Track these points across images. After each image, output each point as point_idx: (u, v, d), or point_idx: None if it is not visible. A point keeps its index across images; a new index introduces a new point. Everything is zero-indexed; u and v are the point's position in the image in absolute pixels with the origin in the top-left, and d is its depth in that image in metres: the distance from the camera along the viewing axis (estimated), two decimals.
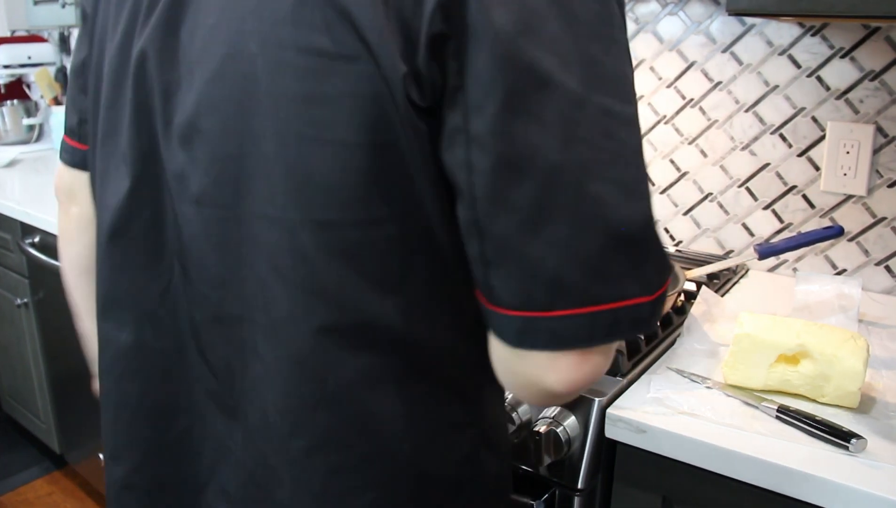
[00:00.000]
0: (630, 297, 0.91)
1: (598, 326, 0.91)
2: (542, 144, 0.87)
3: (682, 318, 1.93)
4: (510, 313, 0.92)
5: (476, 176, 0.88)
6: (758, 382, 1.60)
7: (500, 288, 0.92)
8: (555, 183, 0.87)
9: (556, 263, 0.88)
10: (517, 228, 0.88)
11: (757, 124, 2.36)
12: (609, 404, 1.57)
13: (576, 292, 0.89)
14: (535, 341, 0.92)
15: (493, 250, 0.90)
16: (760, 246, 2.04)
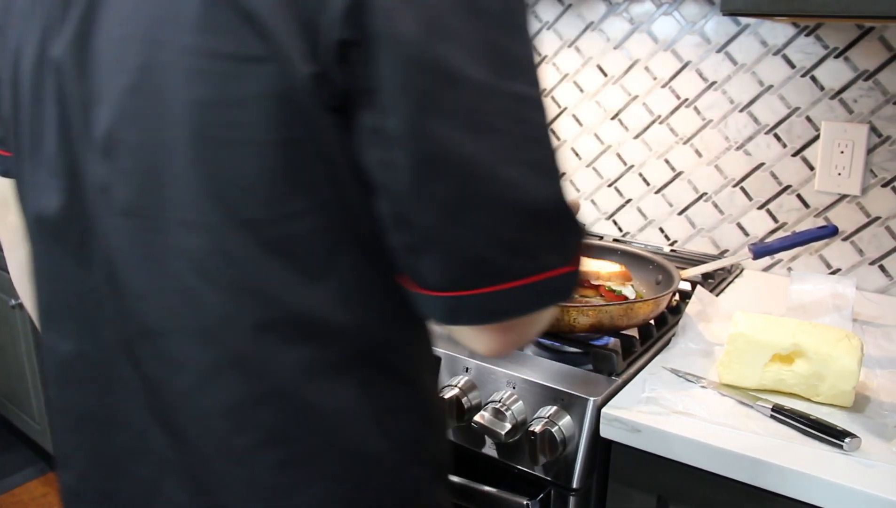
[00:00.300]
0: (551, 268, 0.96)
1: (523, 298, 0.95)
2: (458, 138, 0.89)
3: (677, 318, 1.94)
4: (439, 294, 0.95)
5: (397, 173, 0.91)
6: (752, 381, 1.61)
7: (428, 273, 0.95)
8: (472, 173, 0.90)
9: (479, 245, 0.92)
10: (441, 218, 0.91)
11: (751, 124, 2.36)
12: (604, 403, 1.57)
13: (500, 269, 0.93)
14: (464, 317, 0.96)
15: (420, 240, 0.93)
16: (755, 246, 2.04)
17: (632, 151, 2.60)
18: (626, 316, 1.75)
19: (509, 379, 1.66)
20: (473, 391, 1.69)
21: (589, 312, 1.71)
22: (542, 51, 2.70)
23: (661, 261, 2.06)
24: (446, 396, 1.68)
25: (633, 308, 1.75)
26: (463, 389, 1.69)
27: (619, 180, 2.64)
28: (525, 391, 1.64)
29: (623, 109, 2.59)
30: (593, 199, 2.70)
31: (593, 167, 2.68)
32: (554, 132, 0.94)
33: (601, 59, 2.59)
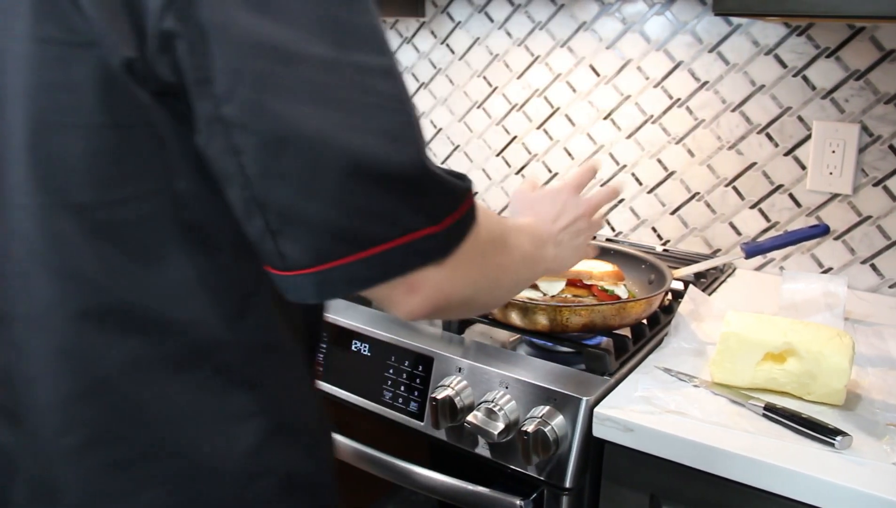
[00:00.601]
0: (416, 229, 0.96)
1: (391, 261, 0.96)
2: (302, 114, 0.90)
3: (670, 317, 1.94)
4: (306, 271, 0.95)
5: (244, 158, 0.91)
6: (745, 380, 1.61)
7: (291, 252, 0.94)
8: (321, 146, 0.90)
9: (337, 216, 0.92)
10: (295, 195, 0.91)
11: (743, 124, 2.37)
12: (597, 403, 1.58)
13: (362, 236, 0.94)
14: (335, 289, 0.96)
15: (278, 221, 0.93)
16: (747, 245, 2.05)
17: (624, 150, 2.61)
18: (619, 316, 1.75)
19: (502, 379, 1.66)
20: (466, 391, 1.69)
21: (581, 311, 1.72)
22: (535, 51, 2.71)
23: (654, 260, 2.07)
24: (439, 396, 1.68)
25: (626, 308, 1.75)
26: (456, 389, 1.69)
27: (611, 180, 2.65)
28: (518, 391, 1.64)
29: (615, 108, 2.59)
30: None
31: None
32: (408, 99, 0.98)
33: (594, 59, 2.60)
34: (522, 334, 1.84)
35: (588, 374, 1.68)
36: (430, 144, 3.04)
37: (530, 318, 1.74)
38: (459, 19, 2.85)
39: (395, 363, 1.82)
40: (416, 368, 1.78)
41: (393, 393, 1.81)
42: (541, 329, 1.76)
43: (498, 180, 2.90)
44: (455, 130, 2.96)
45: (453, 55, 2.90)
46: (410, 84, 3.01)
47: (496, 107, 2.85)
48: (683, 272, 2.09)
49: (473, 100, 2.90)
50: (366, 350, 1.87)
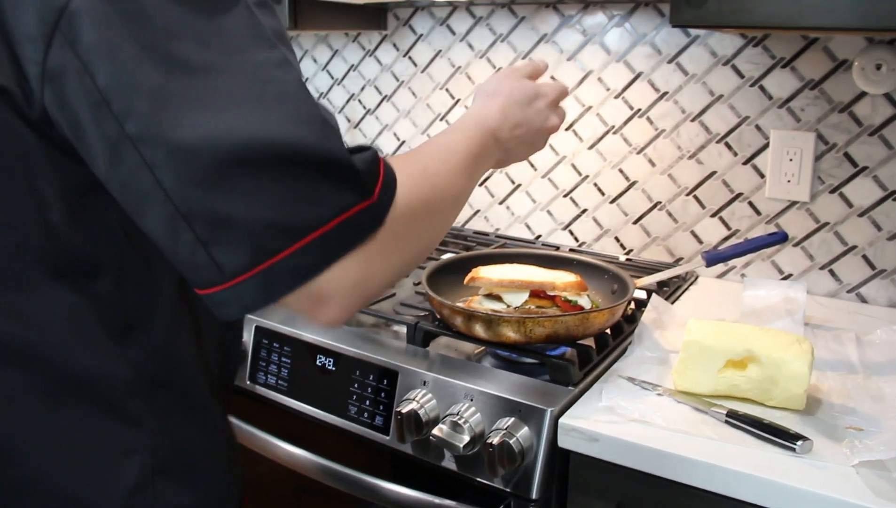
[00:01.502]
0: (351, 206, 0.96)
1: (333, 241, 0.95)
2: (206, 118, 0.89)
3: (633, 326, 1.94)
4: (248, 275, 0.93)
5: (159, 171, 0.89)
6: (707, 387, 1.62)
7: (227, 259, 0.93)
8: (237, 145, 0.90)
9: (266, 209, 0.91)
10: (218, 198, 0.90)
11: (703, 133, 2.38)
12: (561, 413, 1.58)
13: (296, 225, 0.93)
14: (283, 285, 0.94)
15: (207, 229, 0.92)
16: (708, 253, 2.06)
17: (586, 161, 2.61)
18: (583, 326, 1.75)
19: (467, 391, 1.66)
20: (431, 404, 1.69)
21: (545, 322, 1.72)
22: (497, 63, 2.71)
23: (617, 270, 2.07)
24: (404, 410, 1.67)
25: (589, 318, 1.76)
26: (420, 402, 1.68)
27: (574, 190, 2.66)
28: (482, 403, 1.64)
29: (577, 119, 2.60)
30: (549, 209, 2.71)
31: (549, 178, 2.69)
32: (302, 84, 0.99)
33: (555, 70, 2.60)
34: (487, 346, 1.83)
35: (552, 385, 1.68)
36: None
37: (494, 330, 1.74)
38: (421, 32, 2.85)
39: (359, 377, 1.81)
40: (380, 382, 1.78)
41: (358, 408, 1.80)
42: (505, 341, 1.75)
43: None
44: (418, 143, 2.94)
45: (416, 68, 2.91)
46: (374, 97, 3.01)
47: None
48: (646, 282, 2.09)
49: (436, 112, 2.90)
50: (330, 365, 1.86)
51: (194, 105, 0.89)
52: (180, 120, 0.89)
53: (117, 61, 0.88)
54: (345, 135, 3.12)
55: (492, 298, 1.90)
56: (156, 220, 0.93)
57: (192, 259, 0.94)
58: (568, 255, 2.22)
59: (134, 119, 0.88)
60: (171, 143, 0.88)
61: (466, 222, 2.89)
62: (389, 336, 1.93)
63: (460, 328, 1.81)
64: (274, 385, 1.94)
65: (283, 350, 1.94)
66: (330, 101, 3.14)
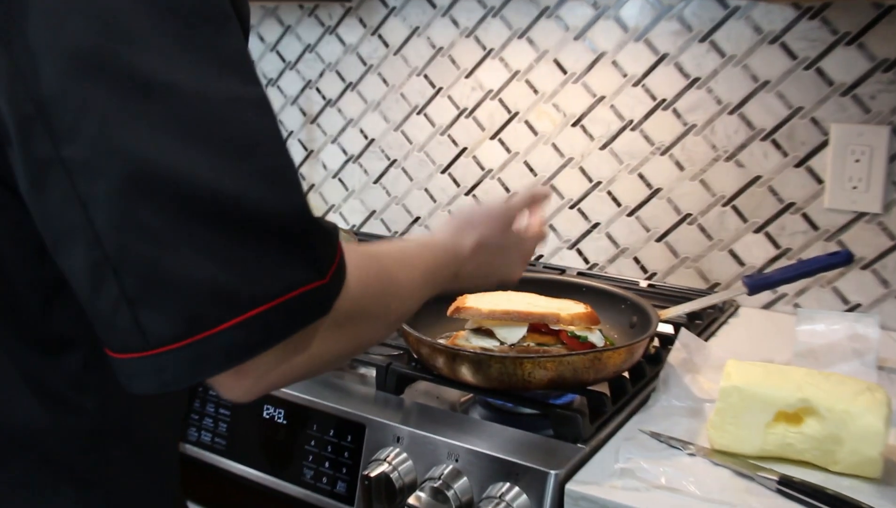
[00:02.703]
0: (301, 285, 0.98)
1: (275, 322, 0.97)
2: (165, 153, 0.91)
3: (657, 368, 1.93)
4: (173, 347, 0.94)
5: (92, 209, 0.90)
6: (753, 446, 1.60)
7: (155, 324, 0.94)
8: (191, 191, 0.91)
9: (213, 273, 0.93)
10: (159, 250, 0.91)
11: (744, 129, 2.37)
12: (568, 478, 1.55)
13: (242, 295, 0.95)
14: (214, 363, 0.96)
15: (137, 285, 0.92)
16: (751, 278, 2.04)
17: (598, 164, 2.61)
18: (594, 368, 1.73)
19: (450, 450, 1.65)
20: (406, 466, 1.68)
21: (547, 364, 1.70)
22: (487, 43, 2.71)
23: (636, 299, 2.06)
24: (373, 473, 1.66)
25: (602, 358, 1.74)
26: (393, 464, 1.67)
27: (583, 201, 2.66)
28: (470, 465, 1.62)
29: (586, 113, 2.60)
30: (552, 223, 2.71)
31: (552, 185, 2.70)
32: (282, 136, 1.03)
33: (559, 52, 2.61)
34: (475, 392, 1.83)
35: (557, 442, 1.66)
36: (360, 159, 3.03)
37: (484, 373, 1.72)
38: (394, 4, 2.87)
39: (317, 432, 1.80)
40: (343, 438, 1.77)
41: (315, 471, 1.79)
42: (497, 387, 1.74)
43: (444, 202, 2.90)
44: (391, 141, 2.96)
45: (387, 49, 2.92)
46: (335, 85, 3.02)
47: (441, 112, 2.86)
48: (673, 313, 2.08)
49: (413, 104, 2.91)
50: (280, 417, 1.86)
51: (154, 134, 0.90)
52: (134, 150, 0.90)
53: (65, 65, 0.89)
54: (299, 132, 3.12)
55: (481, 333, 1.89)
56: (76, 261, 0.94)
57: (111, 317, 0.95)
58: (575, 280, 2.24)
59: (76, 142, 0.89)
60: (117, 178, 0.89)
61: None
62: (354, 381, 1.93)
63: (442, 370, 1.80)
64: (209, 444, 1.94)
65: (222, 400, 1.93)
66: (281, 89, 3.14)
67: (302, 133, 3.13)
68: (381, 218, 3.05)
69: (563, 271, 2.61)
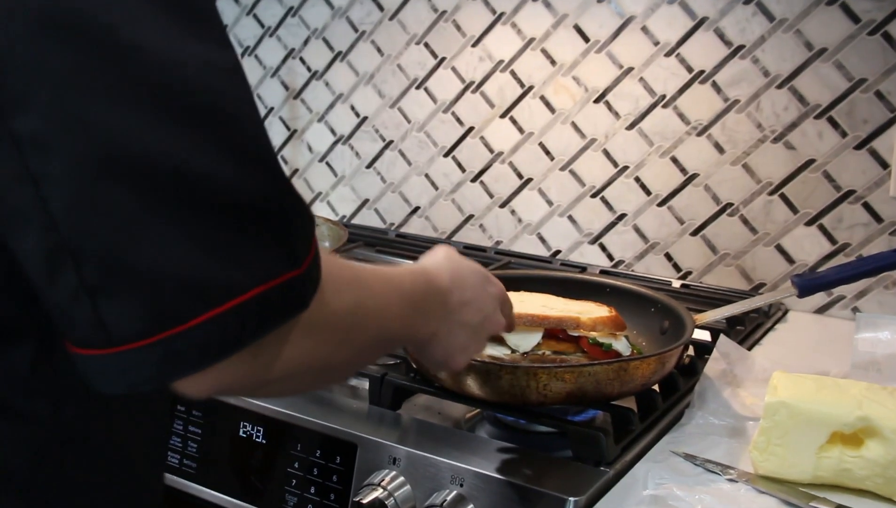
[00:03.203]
0: (277, 275, 0.99)
1: (249, 318, 0.97)
2: (130, 126, 0.91)
3: (692, 381, 1.93)
4: (143, 343, 0.94)
5: (48, 188, 0.90)
6: (803, 472, 1.59)
7: (118, 318, 0.94)
8: (158, 169, 0.92)
9: (183, 262, 0.94)
10: (124, 235, 0.92)
11: (795, 105, 2.37)
12: (588, 506, 1.56)
13: (215, 287, 0.95)
14: (187, 363, 0.96)
15: (99, 273, 0.93)
16: (802, 277, 2.04)
17: (625, 146, 2.62)
18: (619, 380, 1.73)
19: (454, 473, 1.65)
20: (404, 492, 1.68)
21: (565, 375, 1.70)
22: (497, 6, 2.71)
23: (668, 301, 2.07)
24: (366, 500, 1.66)
25: (629, 369, 1.74)
26: (389, 489, 1.67)
27: (607, 188, 2.66)
28: (477, 491, 1.62)
29: (611, 87, 2.60)
30: (571, 214, 2.72)
31: (571, 170, 2.70)
32: (255, 106, 1.03)
33: (580, 16, 2.61)
34: (482, 407, 1.84)
35: (576, 464, 1.67)
36: (350, 140, 3.04)
37: (493, 385, 1.73)
38: None
39: (301, 452, 1.80)
40: (331, 459, 1.77)
41: (299, 497, 1.79)
42: (508, 401, 1.74)
43: (447, 190, 2.91)
44: (386, 120, 2.97)
45: (382, 13, 2.93)
46: (322, 54, 3.02)
47: (443, 87, 2.87)
48: (711, 317, 2.09)
49: (411, 77, 2.92)
50: (259, 436, 1.86)
51: (119, 104, 0.91)
52: (96, 122, 0.90)
53: (16, 22, 0.89)
54: (280, 109, 3.12)
55: (491, 340, 1.86)
56: (29, 245, 0.95)
57: (70, 309, 0.95)
58: (598, 279, 2.25)
59: (30, 113, 0.89)
60: (77, 154, 0.90)
61: (455, 232, 2.88)
62: (345, 394, 1.94)
63: (445, 381, 1.81)
64: (176, 468, 1.94)
65: (191, 416, 1.94)
66: (259, 59, 3.15)
67: (284, 110, 3.13)
68: (374, 208, 3.06)
69: (583, 269, 2.63)
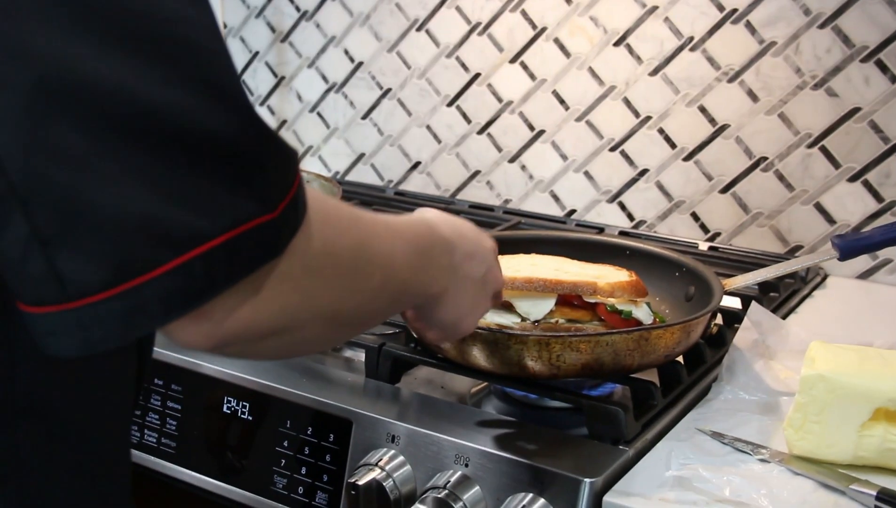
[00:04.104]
0: (248, 219, 0.99)
1: (217, 265, 0.98)
2: (83, 55, 0.90)
3: (721, 352, 1.94)
4: (103, 295, 0.94)
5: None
6: (843, 452, 1.60)
7: (75, 269, 0.93)
8: (115, 103, 0.92)
9: (145, 205, 0.93)
10: (78, 176, 0.91)
11: (839, 47, 2.37)
12: (606, 488, 1.56)
13: (179, 233, 0.95)
14: (150, 316, 0.96)
15: (52, 221, 0.92)
16: (843, 238, 2.03)
17: (647, 94, 2.62)
18: (640, 351, 1.74)
19: (458, 452, 1.65)
20: (404, 473, 1.69)
21: (581, 345, 1.71)
22: None
23: (694, 265, 2.07)
24: (362, 481, 1.67)
25: (650, 339, 1.75)
26: (387, 470, 1.68)
27: (627, 141, 2.66)
28: (483, 471, 1.63)
29: (633, 28, 2.60)
30: (588, 169, 2.72)
31: (587, 121, 2.70)
32: (218, 32, 1.02)
33: None
34: (490, 380, 1.84)
35: (592, 442, 1.68)
36: (344, 88, 3.04)
37: (502, 356, 1.73)
38: None
39: (291, 430, 1.81)
40: (324, 438, 1.77)
41: (289, 479, 1.80)
42: (518, 373, 1.75)
43: (451, 144, 2.92)
44: (383, 66, 2.97)
45: None
46: None
47: (447, 28, 2.86)
48: (742, 283, 2.08)
49: (411, 17, 2.91)
50: (245, 412, 1.87)
51: (70, 30, 0.90)
52: (41, 53, 0.89)
53: None
54: (266, 53, 3.12)
55: (498, 306, 1.89)
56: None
57: (21, 262, 0.94)
58: (618, 241, 2.25)
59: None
60: (22, 85, 0.89)
61: (459, 190, 2.89)
62: (338, 366, 1.95)
63: (449, 352, 1.81)
64: (154, 447, 1.95)
65: (170, 390, 1.95)
66: None
67: (270, 55, 3.13)
68: (371, 163, 3.06)
69: (601, 230, 2.63)
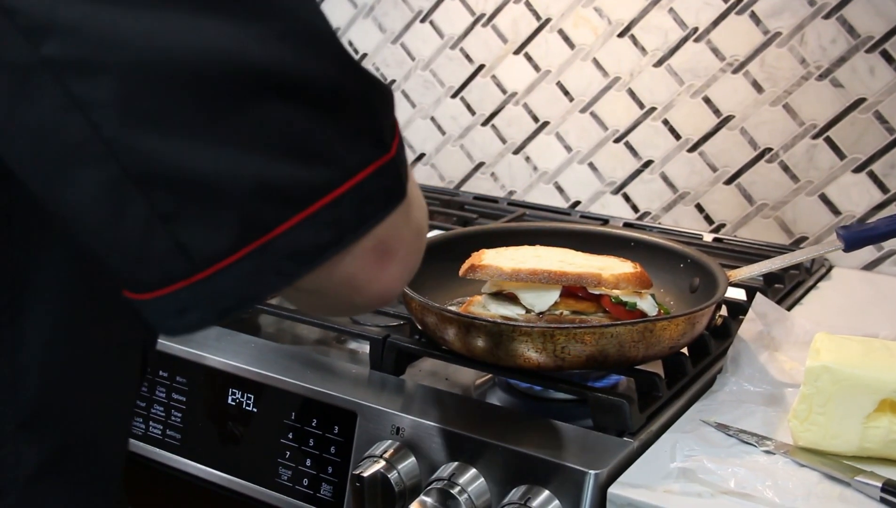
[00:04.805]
0: (368, 162, 0.99)
1: (346, 213, 0.98)
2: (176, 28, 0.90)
3: (726, 344, 1.94)
4: (228, 261, 0.94)
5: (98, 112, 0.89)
6: (848, 443, 1.60)
7: (200, 239, 0.94)
8: (212, 68, 0.91)
9: (258, 164, 0.93)
10: (189, 148, 0.91)
11: (844, 37, 2.37)
12: (611, 480, 1.56)
13: (299, 188, 0.95)
14: (281, 276, 0.96)
15: (172, 197, 0.92)
16: (848, 229, 2.04)
17: (652, 85, 2.62)
18: (645, 342, 1.74)
19: (463, 443, 1.66)
20: (408, 465, 1.69)
21: (585, 337, 1.70)
22: None
23: (699, 256, 2.07)
24: (367, 473, 1.67)
25: (655, 330, 1.75)
26: (391, 461, 1.68)
27: (632, 132, 2.67)
28: (489, 463, 1.63)
29: (637, 19, 2.60)
30: (592, 161, 2.73)
31: (592, 112, 2.70)
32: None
33: None
34: (495, 372, 1.85)
35: (597, 434, 1.67)
36: None
37: (506, 348, 1.73)
38: None
39: (296, 422, 1.81)
40: (329, 430, 1.77)
41: (294, 470, 1.79)
42: (523, 365, 1.74)
43: (455, 135, 2.92)
44: (387, 57, 2.98)
45: None
46: None
47: (451, 20, 2.86)
48: (747, 274, 2.08)
49: (415, 9, 2.91)
50: (250, 404, 1.86)
51: (150, 5, 0.89)
52: (134, 27, 0.88)
53: None
54: None
55: (502, 298, 1.90)
56: (84, 191, 0.93)
57: (144, 245, 0.94)
58: (622, 232, 2.25)
59: (56, 34, 0.87)
60: (121, 66, 0.88)
61: (464, 182, 2.89)
62: (343, 358, 1.96)
63: (453, 344, 1.80)
64: (159, 439, 1.95)
65: (175, 382, 1.94)
66: None
67: None
68: None
69: (605, 222, 2.62)
